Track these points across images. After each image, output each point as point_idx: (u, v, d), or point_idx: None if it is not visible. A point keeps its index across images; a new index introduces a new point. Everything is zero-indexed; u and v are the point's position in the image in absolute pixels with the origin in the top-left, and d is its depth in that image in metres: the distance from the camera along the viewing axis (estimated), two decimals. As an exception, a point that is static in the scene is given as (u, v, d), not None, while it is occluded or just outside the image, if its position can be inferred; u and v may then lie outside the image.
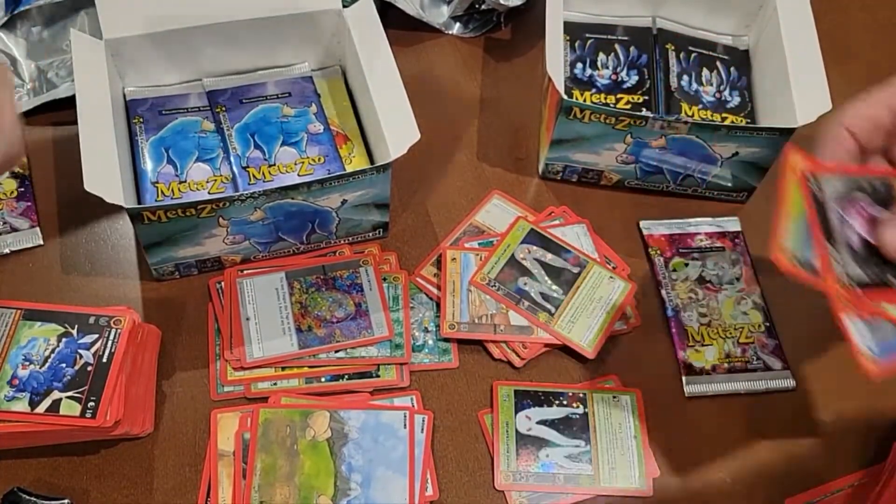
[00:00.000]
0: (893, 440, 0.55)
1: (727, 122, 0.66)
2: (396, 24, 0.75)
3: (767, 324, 0.62)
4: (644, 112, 0.61)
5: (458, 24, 0.79)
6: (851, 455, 0.57)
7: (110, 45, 0.61)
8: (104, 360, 0.51)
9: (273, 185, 0.58)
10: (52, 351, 0.53)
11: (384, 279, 0.62)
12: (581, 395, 0.58)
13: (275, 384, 0.57)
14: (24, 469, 0.54)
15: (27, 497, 0.51)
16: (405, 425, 0.55)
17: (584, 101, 0.69)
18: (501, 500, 0.55)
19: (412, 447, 0.55)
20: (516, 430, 0.57)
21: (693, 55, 0.72)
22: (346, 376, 0.58)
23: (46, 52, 0.71)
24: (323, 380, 0.58)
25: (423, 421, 0.56)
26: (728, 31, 0.74)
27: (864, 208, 0.40)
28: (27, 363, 0.52)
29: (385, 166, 0.57)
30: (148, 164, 0.61)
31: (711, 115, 0.69)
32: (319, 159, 0.63)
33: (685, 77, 0.71)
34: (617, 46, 0.73)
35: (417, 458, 0.54)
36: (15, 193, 0.64)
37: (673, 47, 0.73)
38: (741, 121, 0.69)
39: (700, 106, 0.69)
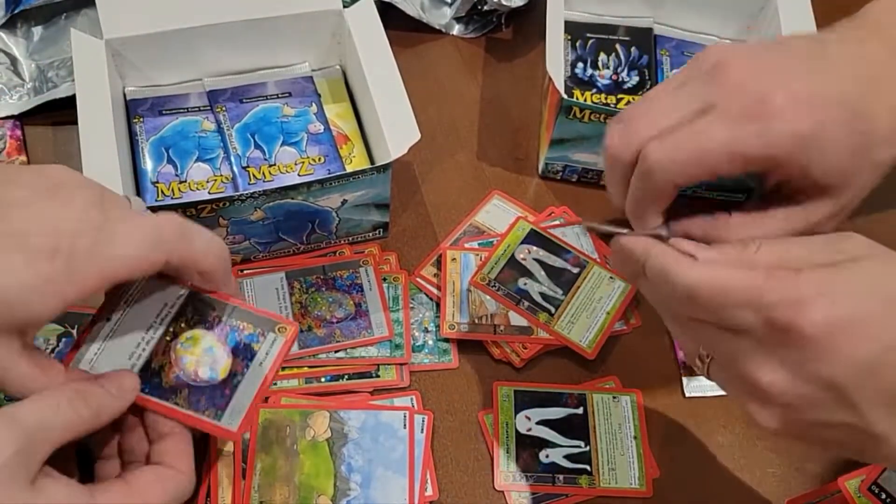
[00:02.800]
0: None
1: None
2: (397, 24, 0.75)
3: (767, 324, 0.62)
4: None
5: (458, 25, 0.79)
6: (851, 456, 0.57)
7: (110, 45, 0.61)
8: None
9: (273, 185, 0.58)
10: (53, 351, 0.53)
11: (384, 279, 0.62)
12: (581, 395, 0.58)
13: (274, 384, 0.57)
14: (23, 469, 0.54)
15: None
16: (405, 425, 0.55)
17: (585, 100, 0.69)
18: (501, 500, 0.55)
19: (412, 447, 0.55)
20: (516, 431, 0.57)
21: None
22: (346, 376, 0.58)
23: (47, 52, 0.71)
24: (323, 380, 0.58)
25: (423, 421, 0.56)
26: (729, 33, 0.74)
27: None
28: None
29: (385, 166, 0.57)
30: (148, 164, 0.61)
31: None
32: (319, 159, 0.63)
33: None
34: (618, 47, 0.73)
35: (417, 459, 0.54)
36: (15, 193, 0.64)
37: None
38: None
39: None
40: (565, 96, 0.61)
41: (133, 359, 0.44)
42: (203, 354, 0.44)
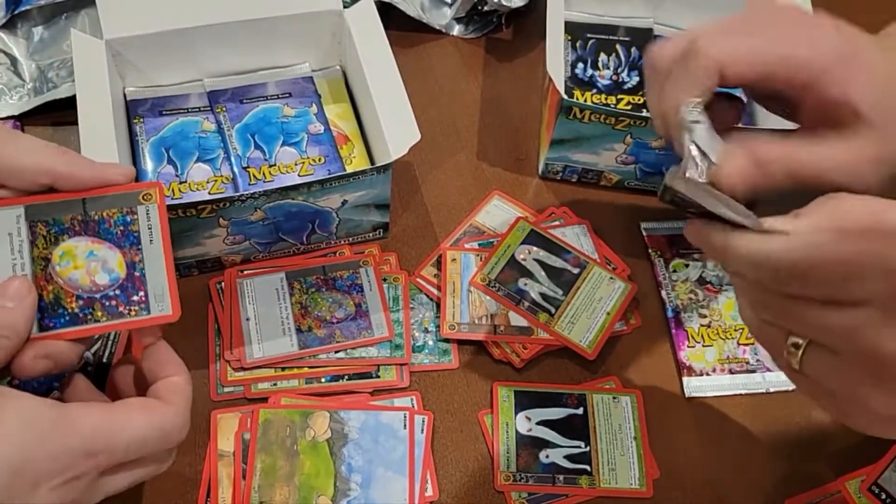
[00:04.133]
0: (893, 441, 0.55)
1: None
2: (397, 24, 0.75)
3: (767, 324, 0.62)
4: (644, 112, 0.61)
5: (458, 25, 0.79)
6: (851, 455, 0.57)
7: (111, 45, 0.61)
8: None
9: (273, 185, 0.58)
10: None
11: (384, 279, 0.62)
12: (581, 395, 0.58)
13: (275, 385, 0.57)
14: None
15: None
16: (405, 426, 0.55)
17: (585, 101, 0.69)
18: (501, 500, 0.55)
19: (412, 448, 0.55)
20: (516, 431, 0.57)
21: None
22: (346, 377, 0.58)
23: (47, 52, 0.71)
24: (323, 380, 0.58)
25: (423, 421, 0.56)
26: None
27: None
28: None
29: (385, 167, 0.57)
30: (148, 165, 0.61)
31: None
32: (320, 159, 0.63)
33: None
34: (618, 47, 0.73)
35: (417, 459, 0.54)
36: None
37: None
38: (739, 122, 0.69)
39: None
40: (565, 97, 0.61)
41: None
42: (88, 262, 0.40)
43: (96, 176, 0.42)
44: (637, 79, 0.71)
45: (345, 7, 0.64)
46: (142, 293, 0.41)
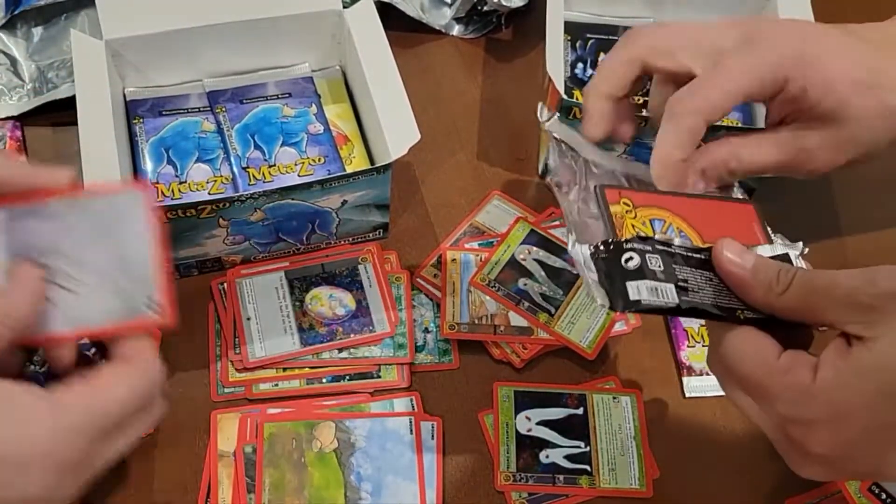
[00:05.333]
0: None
1: (724, 124, 0.66)
2: (397, 25, 0.75)
3: (767, 324, 0.62)
4: (644, 113, 0.61)
5: (458, 25, 0.79)
6: (851, 456, 0.57)
7: (110, 45, 0.61)
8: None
9: (273, 185, 0.58)
10: (44, 364, 0.53)
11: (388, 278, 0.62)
12: (581, 395, 0.58)
13: (276, 385, 0.57)
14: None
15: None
16: (411, 430, 0.55)
17: (585, 101, 0.69)
18: (501, 500, 0.55)
19: (420, 452, 0.54)
20: (516, 431, 0.57)
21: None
22: (347, 377, 0.58)
23: (47, 53, 0.71)
24: (324, 381, 0.58)
25: (433, 427, 0.56)
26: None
27: None
28: None
29: (385, 167, 0.57)
30: (148, 165, 0.61)
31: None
32: (319, 160, 0.63)
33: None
34: (617, 47, 0.72)
35: (429, 465, 0.54)
36: (15, 194, 0.64)
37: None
38: (737, 122, 0.69)
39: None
40: (565, 97, 0.61)
41: (287, 326, 0.59)
42: (330, 301, 0.60)
43: (29, 182, 0.41)
44: (637, 79, 0.70)
45: (345, 7, 0.64)
46: (368, 319, 0.60)
